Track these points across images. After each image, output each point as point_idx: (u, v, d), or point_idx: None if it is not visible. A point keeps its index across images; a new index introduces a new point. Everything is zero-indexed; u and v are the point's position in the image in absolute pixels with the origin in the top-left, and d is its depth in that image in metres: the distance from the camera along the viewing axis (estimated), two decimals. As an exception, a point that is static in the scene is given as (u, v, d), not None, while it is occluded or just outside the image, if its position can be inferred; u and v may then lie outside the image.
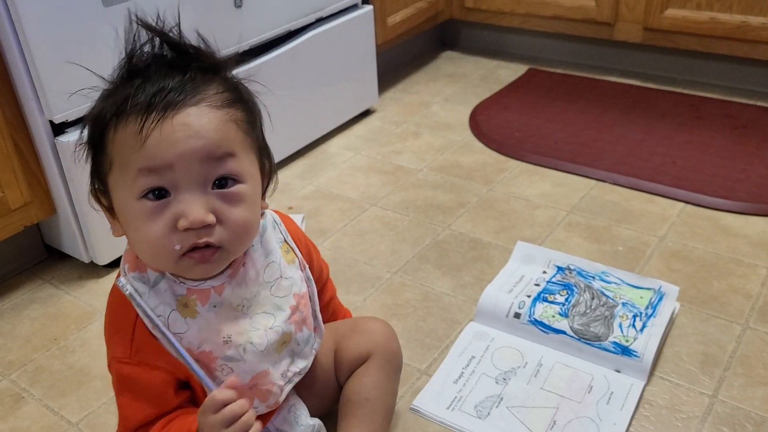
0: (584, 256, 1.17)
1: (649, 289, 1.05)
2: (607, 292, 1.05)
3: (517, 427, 0.87)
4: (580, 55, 1.98)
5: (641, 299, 1.03)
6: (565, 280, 1.08)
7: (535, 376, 0.94)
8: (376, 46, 1.69)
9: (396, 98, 1.85)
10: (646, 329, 0.97)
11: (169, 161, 0.59)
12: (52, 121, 1.07)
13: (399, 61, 2.04)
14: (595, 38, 1.86)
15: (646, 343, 0.95)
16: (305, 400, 0.81)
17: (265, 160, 0.69)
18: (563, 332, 0.98)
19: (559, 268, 1.11)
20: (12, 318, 1.13)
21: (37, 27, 0.99)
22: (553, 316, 1.00)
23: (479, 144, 1.59)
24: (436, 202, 1.37)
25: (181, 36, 0.64)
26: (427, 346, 1.02)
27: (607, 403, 0.89)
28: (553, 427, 0.87)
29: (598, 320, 0.99)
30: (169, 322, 0.66)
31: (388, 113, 1.76)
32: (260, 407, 0.73)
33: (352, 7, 1.61)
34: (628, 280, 1.08)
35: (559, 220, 1.29)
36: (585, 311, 1.01)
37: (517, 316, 1.02)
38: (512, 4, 1.90)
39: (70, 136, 1.08)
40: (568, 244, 1.22)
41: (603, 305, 1.02)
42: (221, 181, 0.62)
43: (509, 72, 1.96)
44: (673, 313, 1.02)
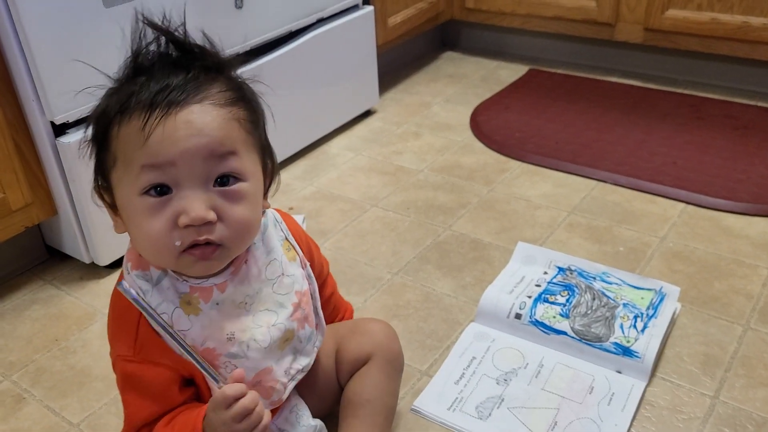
0: (585, 257, 1.17)
1: (650, 289, 1.05)
2: (608, 293, 1.05)
3: (518, 428, 0.87)
4: (581, 55, 1.98)
5: (642, 300, 1.03)
6: (566, 281, 1.08)
7: (536, 377, 0.94)
8: (377, 47, 1.69)
9: (397, 99, 1.85)
10: (647, 330, 0.97)
11: (171, 158, 0.60)
12: (53, 122, 1.07)
13: (400, 61, 2.04)
14: (596, 39, 1.86)
15: (647, 344, 0.95)
16: (306, 400, 0.81)
17: (268, 160, 0.70)
18: (564, 333, 0.98)
19: (560, 269, 1.11)
20: (13, 319, 1.13)
21: (38, 28, 0.99)
22: (554, 317, 1.00)
23: (480, 144, 1.59)
24: (437, 202, 1.37)
25: (186, 35, 0.64)
26: (428, 346, 1.02)
27: (608, 404, 0.89)
28: (554, 427, 0.87)
29: (599, 321, 0.99)
30: (172, 319, 0.67)
31: (389, 114, 1.76)
32: (264, 404, 0.73)
33: (353, 8, 1.61)
34: (629, 280, 1.08)
35: (560, 220, 1.29)
36: (586, 312, 1.01)
37: (518, 316, 1.02)
38: (513, 4, 1.90)
39: (71, 137, 1.08)
40: (569, 245, 1.22)
41: (604, 306, 1.02)
42: (223, 179, 0.62)
43: (510, 72, 1.96)
44: (674, 313, 1.02)
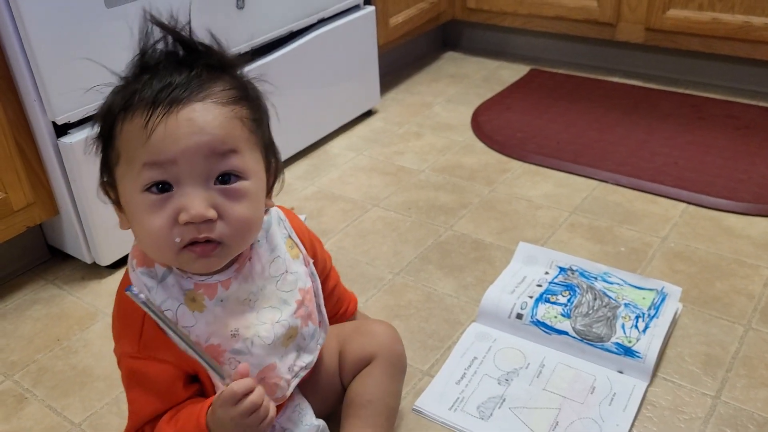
0: (586, 257, 1.17)
1: (652, 289, 1.05)
2: (609, 293, 1.05)
3: (520, 428, 0.87)
4: (582, 55, 1.97)
5: (644, 300, 1.03)
6: (567, 281, 1.08)
7: (538, 377, 0.94)
8: (378, 47, 1.69)
9: (398, 99, 1.85)
10: (648, 330, 0.97)
11: (172, 156, 0.60)
12: (54, 122, 1.07)
13: (401, 61, 2.04)
14: (597, 39, 1.86)
15: (649, 344, 0.95)
16: (309, 400, 0.81)
17: (272, 159, 0.70)
18: (566, 333, 0.98)
19: (562, 269, 1.11)
20: (15, 318, 1.13)
21: (40, 28, 0.99)
22: (556, 317, 1.00)
23: (481, 145, 1.58)
24: (438, 202, 1.37)
25: (191, 34, 0.64)
26: (429, 347, 1.02)
27: (610, 404, 0.89)
28: (555, 428, 0.87)
29: (601, 321, 0.99)
30: (177, 316, 0.67)
31: (390, 114, 1.76)
32: None
33: (354, 8, 1.61)
34: (631, 280, 1.07)
35: (562, 220, 1.29)
36: (587, 312, 1.01)
37: (520, 316, 1.02)
38: (514, 4, 1.90)
39: (73, 137, 1.08)
40: (571, 245, 1.22)
41: (605, 306, 1.02)
42: (224, 177, 0.62)
43: (511, 72, 1.96)
44: (676, 313, 1.02)
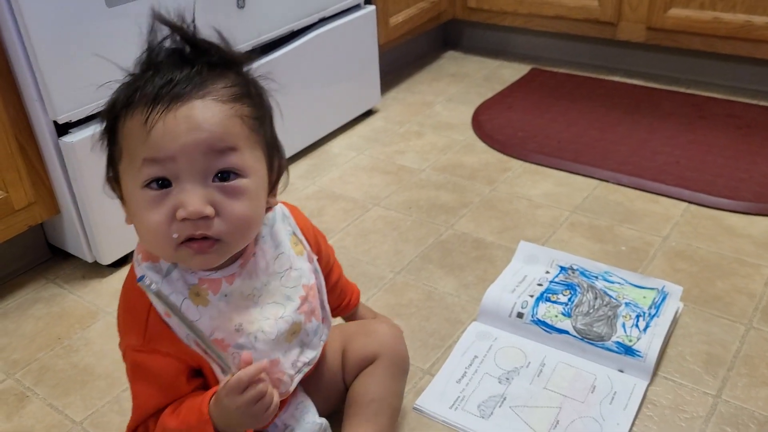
0: (587, 256, 1.16)
1: (653, 288, 1.05)
2: (610, 292, 1.05)
3: (520, 426, 0.87)
4: (583, 54, 1.97)
5: (644, 299, 1.03)
6: (568, 280, 1.08)
7: (538, 376, 0.94)
8: (379, 46, 1.69)
9: (399, 98, 1.85)
10: (649, 329, 0.97)
11: (171, 153, 0.60)
12: (56, 122, 1.07)
13: (402, 61, 2.04)
14: (598, 38, 1.86)
15: (650, 343, 0.95)
16: (312, 398, 0.81)
17: (275, 157, 0.70)
18: (566, 332, 0.98)
19: (562, 268, 1.11)
20: (16, 317, 1.13)
21: (41, 27, 0.99)
22: (556, 316, 1.00)
23: (482, 144, 1.58)
24: (439, 202, 1.37)
25: (195, 31, 0.64)
26: (430, 345, 1.02)
27: (610, 403, 0.89)
28: (556, 426, 0.87)
29: (601, 320, 0.99)
30: (182, 310, 0.67)
31: (391, 113, 1.76)
32: None
33: (355, 8, 1.61)
34: (632, 279, 1.07)
35: (562, 220, 1.29)
36: (588, 311, 1.01)
37: (520, 315, 1.02)
38: (515, 3, 1.90)
39: (74, 136, 1.08)
40: (571, 244, 1.22)
41: (606, 305, 1.02)
42: (223, 175, 0.63)
43: (512, 72, 1.96)
44: (677, 313, 1.02)
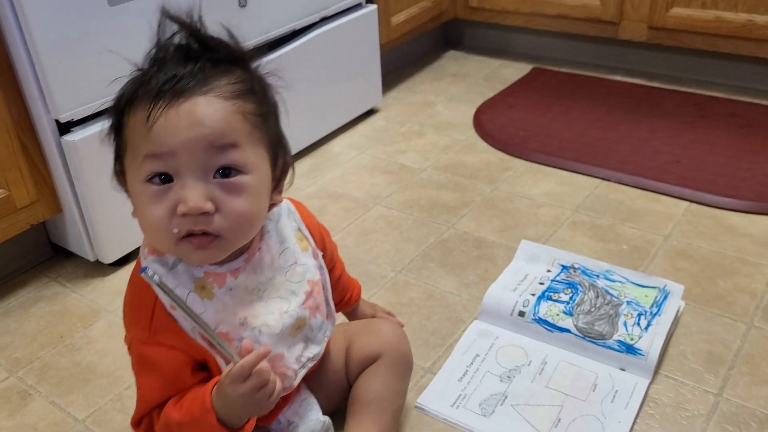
0: (589, 255, 1.17)
1: (654, 287, 1.05)
2: (611, 291, 1.05)
3: (522, 424, 0.87)
4: (585, 54, 1.97)
5: (646, 298, 1.03)
6: (569, 279, 1.08)
7: (540, 375, 0.94)
8: (380, 46, 1.70)
9: (400, 98, 1.85)
10: (650, 328, 0.97)
11: (172, 148, 0.61)
12: (58, 120, 1.07)
13: (403, 60, 2.04)
14: (600, 37, 1.86)
15: (651, 342, 0.95)
16: (315, 396, 0.81)
17: (279, 154, 0.70)
18: (568, 331, 0.98)
19: (564, 267, 1.11)
20: (19, 316, 1.13)
21: (43, 26, 1.00)
22: (558, 315, 1.00)
23: (483, 143, 1.59)
24: (441, 201, 1.37)
25: (202, 28, 0.64)
26: (431, 344, 1.02)
27: (612, 402, 0.89)
28: (557, 425, 0.87)
29: (603, 319, 0.99)
30: (187, 302, 0.67)
31: (392, 113, 1.76)
32: None
33: (356, 7, 1.61)
34: (633, 278, 1.07)
35: (564, 219, 1.29)
36: (589, 310, 1.01)
37: (522, 314, 1.02)
38: (516, 3, 1.90)
39: (76, 135, 1.08)
40: (573, 243, 1.22)
41: (608, 304, 1.02)
42: (224, 171, 0.63)
43: (513, 71, 1.96)
44: (678, 311, 1.02)
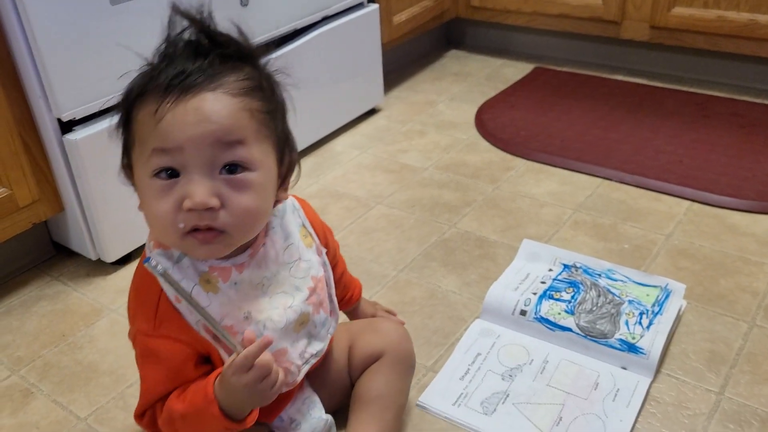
0: (590, 254, 1.16)
1: (656, 286, 1.05)
2: (613, 290, 1.05)
3: (523, 423, 0.87)
4: (587, 53, 1.97)
5: (648, 297, 1.03)
6: (571, 278, 1.08)
7: (541, 373, 0.94)
8: (382, 45, 1.70)
9: (402, 97, 1.85)
10: (652, 326, 0.97)
11: (179, 143, 0.61)
12: (60, 119, 1.08)
13: (405, 59, 2.04)
14: (602, 37, 1.86)
15: (653, 341, 0.95)
16: (318, 394, 0.82)
17: (286, 152, 0.70)
18: (569, 329, 0.98)
19: (565, 266, 1.11)
20: (21, 314, 1.14)
21: (45, 25, 1.00)
22: (559, 314, 1.00)
23: (485, 143, 1.59)
24: (442, 200, 1.37)
25: (211, 23, 0.65)
26: (433, 343, 1.02)
27: (614, 400, 0.89)
28: (559, 423, 0.87)
29: (605, 317, 0.99)
30: (192, 296, 0.68)
31: (394, 112, 1.76)
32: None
33: (358, 6, 1.61)
34: (635, 277, 1.07)
35: (566, 218, 1.29)
36: (591, 308, 1.01)
37: (523, 313, 1.02)
38: (518, 2, 1.90)
39: (78, 134, 1.08)
40: (575, 242, 1.22)
41: (609, 303, 1.02)
42: (231, 167, 0.63)
43: (515, 71, 1.96)
44: (680, 310, 1.02)
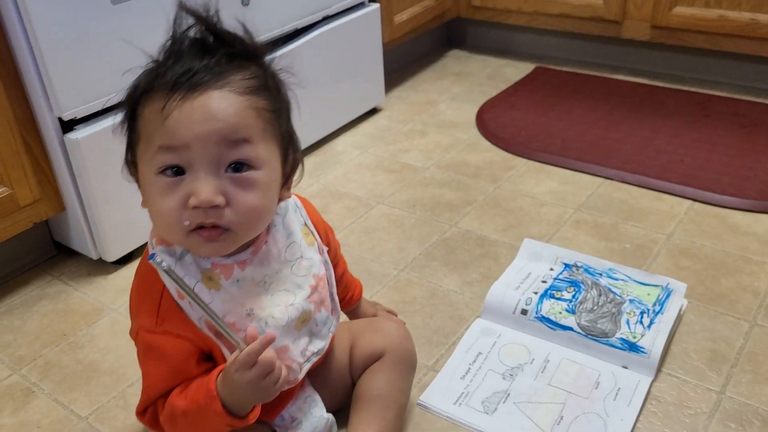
0: (591, 254, 1.16)
1: (657, 286, 1.05)
2: (614, 289, 1.05)
3: (524, 422, 0.87)
4: (588, 53, 1.97)
5: (649, 296, 1.03)
6: (572, 277, 1.08)
7: (542, 372, 0.94)
8: (383, 45, 1.70)
9: (403, 97, 1.85)
10: (653, 326, 0.97)
11: (186, 141, 0.61)
12: (61, 119, 1.08)
13: (406, 59, 2.04)
14: (603, 36, 1.86)
15: (654, 340, 0.95)
16: (319, 394, 0.82)
17: (290, 150, 0.70)
18: (570, 329, 0.98)
19: (566, 265, 1.11)
20: (22, 314, 1.14)
21: (46, 25, 1.00)
22: (560, 313, 1.00)
23: (486, 142, 1.59)
24: (443, 200, 1.37)
25: (217, 22, 0.65)
26: (434, 342, 1.02)
27: (614, 399, 0.89)
28: (559, 422, 0.87)
29: (606, 317, 0.99)
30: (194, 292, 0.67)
31: (395, 111, 1.76)
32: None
33: (359, 5, 1.61)
34: (636, 277, 1.07)
35: (567, 217, 1.29)
36: (592, 308, 1.01)
37: (524, 312, 1.02)
38: (519, 2, 1.90)
39: (79, 133, 1.08)
40: (576, 242, 1.22)
41: (610, 302, 1.02)
42: (236, 166, 0.63)
43: (516, 70, 1.96)
44: (681, 309, 1.02)
